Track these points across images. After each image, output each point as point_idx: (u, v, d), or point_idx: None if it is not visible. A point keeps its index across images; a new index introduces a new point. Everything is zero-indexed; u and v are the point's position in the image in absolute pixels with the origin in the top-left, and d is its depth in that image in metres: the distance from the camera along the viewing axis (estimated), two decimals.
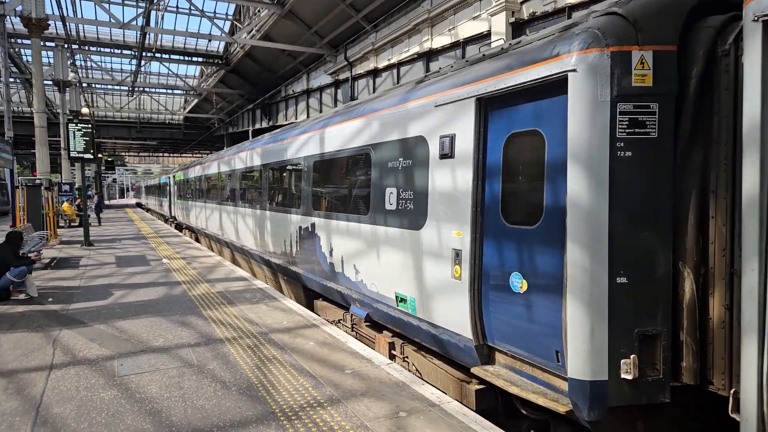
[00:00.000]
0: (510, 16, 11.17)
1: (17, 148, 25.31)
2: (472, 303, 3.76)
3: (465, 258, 3.81)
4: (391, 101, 5.12)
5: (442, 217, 4.12)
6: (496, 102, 3.69)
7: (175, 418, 3.46)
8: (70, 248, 13.60)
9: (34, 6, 15.74)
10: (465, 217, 3.82)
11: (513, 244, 3.49)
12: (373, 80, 18.57)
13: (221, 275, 9.21)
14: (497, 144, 3.64)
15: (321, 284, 6.60)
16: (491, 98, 3.70)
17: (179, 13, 27.33)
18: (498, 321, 3.65)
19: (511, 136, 3.55)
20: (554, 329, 3.16)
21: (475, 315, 3.77)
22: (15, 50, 24.21)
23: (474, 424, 3.38)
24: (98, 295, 7.44)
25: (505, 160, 3.58)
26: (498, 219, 3.62)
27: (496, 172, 3.64)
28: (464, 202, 3.85)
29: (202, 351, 4.89)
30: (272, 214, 8.55)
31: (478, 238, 3.75)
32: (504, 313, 3.59)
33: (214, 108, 38.96)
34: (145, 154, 74.89)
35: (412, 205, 4.52)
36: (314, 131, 6.93)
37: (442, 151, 4.12)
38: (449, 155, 4.03)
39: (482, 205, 3.75)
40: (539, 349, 3.34)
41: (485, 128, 3.76)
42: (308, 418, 3.44)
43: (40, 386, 4.03)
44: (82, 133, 13.15)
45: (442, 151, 4.11)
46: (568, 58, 3.06)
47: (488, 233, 3.71)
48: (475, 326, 3.78)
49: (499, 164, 3.62)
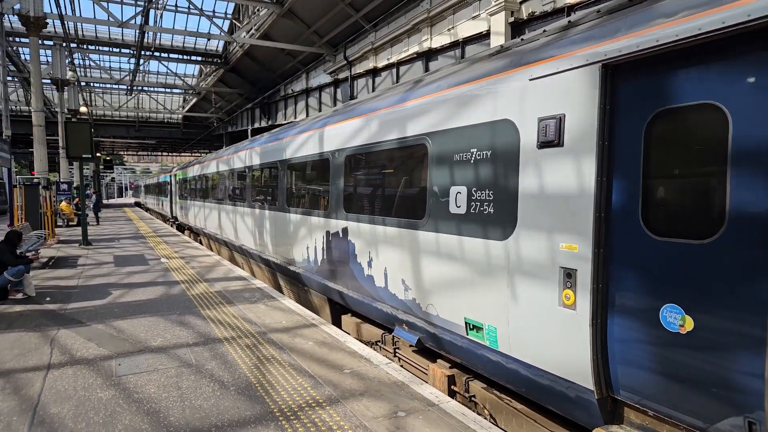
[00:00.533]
0: (509, 15, 11.16)
1: (15, 147, 25.26)
2: (594, 341, 2.90)
3: (582, 281, 2.93)
4: (455, 79, 4.13)
5: (542, 224, 3.20)
6: (634, 68, 2.79)
7: (173, 418, 3.45)
8: (68, 247, 13.56)
9: (32, 4, 15.69)
10: (582, 226, 2.94)
11: (665, 264, 2.62)
12: (372, 79, 18.56)
13: (220, 274, 9.19)
14: (635, 125, 2.76)
15: (354, 299, 5.66)
16: (627, 63, 2.79)
17: (178, 11, 27.29)
18: (634, 368, 2.79)
19: (661, 113, 2.65)
20: (745, 387, 2.32)
21: (598, 358, 2.90)
22: (13, 49, 24.15)
23: (473, 423, 3.37)
24: (96, 295, 7.42)
25: (650, 146, 2.69)
26: (637, 228, 2.75)
27: (634, 164, 2.76)
28: (580, 205, 2.95)
29: (200, 351, 4.87)
30: (293, 217, 7.49)
31: (604, 255, 2.90)
32: (646, 359, 2.72)
33: (213, 107, 38.91)
34: (144, 153, 74.73)
35: (491, 208, 3.61)
36: (347, 120, 5.88)
37: (543, 138, 3.19)
38: (555, 143, 3.11)
39: (609, 210, 2.89)
40: (710, 412, 2.46)
41: (614, 105, 2.87)
42: (307, 418, 3.43)
43: (37, 386, 4.01)
44: (80, 133, 13.10)
45: (544, 137, 3.18)
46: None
47: (621, 248, 2.83)
48: (597, 372, 2.90)
49: (638, 153, 2.73)
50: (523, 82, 3.40)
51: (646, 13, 2.76)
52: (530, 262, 3.29)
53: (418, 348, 4.64)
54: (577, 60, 3.01)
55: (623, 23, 2.85)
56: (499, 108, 3.57)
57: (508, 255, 3.46)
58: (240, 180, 10.92)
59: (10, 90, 30.00)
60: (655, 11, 2.70)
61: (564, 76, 3.10)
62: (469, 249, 3.80)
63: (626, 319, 2.80)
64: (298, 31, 21.29)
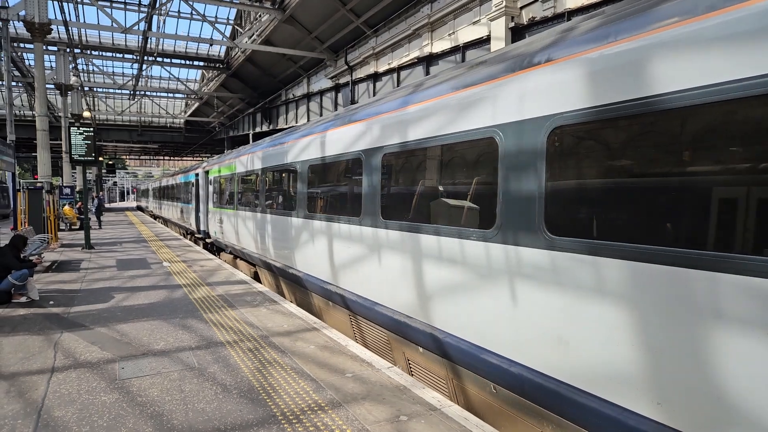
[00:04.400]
0: (510, 21, 11.24)
1: (19, 151, 25.38)
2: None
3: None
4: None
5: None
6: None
7: (177, 421, 3.47)
8: (71, 251, 13.61)
9: (37, 10, 15.85)
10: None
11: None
12: (373, 84, 18.66)
13: (221, 278, 9.22)
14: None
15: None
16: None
17: (181, 17, 27.54)
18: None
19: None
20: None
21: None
22: (17, 54, 24.34)
23: (475, 428, 3.39)
24: (99, 298, 7.46)
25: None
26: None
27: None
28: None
29: (203, 354, 4.90)
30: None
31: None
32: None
33: (215, 112, 39.11)
34: (146, 158, 75.05)
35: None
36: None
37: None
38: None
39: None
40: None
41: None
42: (309, 422, 3.45)
43: (41, 389, 4.04)
44: (84, 137, 13.22)
45: None
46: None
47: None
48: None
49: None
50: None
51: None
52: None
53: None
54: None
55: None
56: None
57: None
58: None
59: (14, 94, 30.19)
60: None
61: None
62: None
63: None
64: (299, 36, 21.44)
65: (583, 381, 2.84)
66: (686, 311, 2.32)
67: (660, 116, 2.48)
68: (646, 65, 2.53)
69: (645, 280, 2.49)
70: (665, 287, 2.40)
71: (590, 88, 2.81)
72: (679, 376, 2.36)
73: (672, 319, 2.38)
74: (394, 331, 4.89)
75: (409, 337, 4.62)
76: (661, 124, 2.53)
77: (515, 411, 3.50)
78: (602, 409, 2.70)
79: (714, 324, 2.22)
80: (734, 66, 2.16)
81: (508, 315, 3.40)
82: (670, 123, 2.49)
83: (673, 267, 2.36)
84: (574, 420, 2.94)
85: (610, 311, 2.66)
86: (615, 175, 2.83)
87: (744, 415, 2.12)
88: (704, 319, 2.26)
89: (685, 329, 2.33)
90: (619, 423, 2.61)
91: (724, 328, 2.18)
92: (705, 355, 2.25)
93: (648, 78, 2.51)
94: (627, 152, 2.79)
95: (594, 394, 2.76)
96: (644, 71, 2.53)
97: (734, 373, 2.15)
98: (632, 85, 2.57)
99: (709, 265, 2.23)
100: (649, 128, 2.61)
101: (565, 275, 2.93)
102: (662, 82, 2.44)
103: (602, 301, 2.71)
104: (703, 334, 2.25)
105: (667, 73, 2.42)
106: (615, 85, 2.66)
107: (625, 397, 2.60)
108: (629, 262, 2.55)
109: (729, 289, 2.16)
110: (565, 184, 3.07)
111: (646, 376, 2.49)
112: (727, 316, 2.16)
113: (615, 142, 2.86)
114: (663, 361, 2.43)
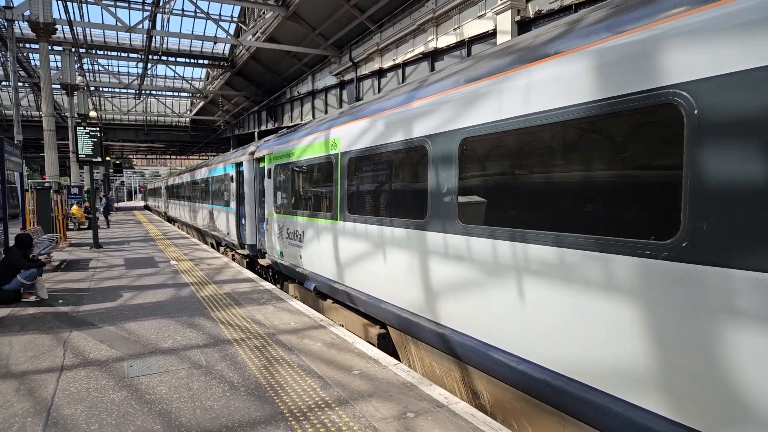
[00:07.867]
0: (515, 14, 11.13)
1: (26, 152, 25.63)
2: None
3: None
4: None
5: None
6: None
7: (185, 419, 3.48)
8: (79, 251, 13.72)
9: (41, 10, 15.93)
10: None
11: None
12: (378, 81, 18.59)
13: (228, 276, 9.25)
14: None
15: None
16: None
17: (185, 16, 27.57)
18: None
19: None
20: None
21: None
22: (23, 54, 24.51)
23: (482, 425, 3.36)
24: (108, 297, 7.50)
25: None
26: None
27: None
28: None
29: (210, 352, 4.91)
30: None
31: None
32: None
33: (220, 110, 39.21)
34: (153, 157, 75.47)
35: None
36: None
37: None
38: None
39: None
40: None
41: None
42: (316, 419, 3.45)
43: (51, 387, 4.07)
44: (90, 136, 13.29)
45: None
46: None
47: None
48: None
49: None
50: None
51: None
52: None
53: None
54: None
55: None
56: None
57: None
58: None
59: (21, 95, 30.43)
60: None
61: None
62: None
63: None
64: (303, 33, 21.39)
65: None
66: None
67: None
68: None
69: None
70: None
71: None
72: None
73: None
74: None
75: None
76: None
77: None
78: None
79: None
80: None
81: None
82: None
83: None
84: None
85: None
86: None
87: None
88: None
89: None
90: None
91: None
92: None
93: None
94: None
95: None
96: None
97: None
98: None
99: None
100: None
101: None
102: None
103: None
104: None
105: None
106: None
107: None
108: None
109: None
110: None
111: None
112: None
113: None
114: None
